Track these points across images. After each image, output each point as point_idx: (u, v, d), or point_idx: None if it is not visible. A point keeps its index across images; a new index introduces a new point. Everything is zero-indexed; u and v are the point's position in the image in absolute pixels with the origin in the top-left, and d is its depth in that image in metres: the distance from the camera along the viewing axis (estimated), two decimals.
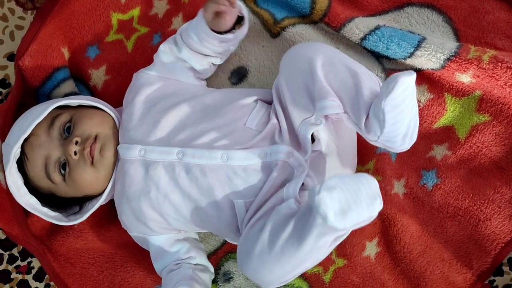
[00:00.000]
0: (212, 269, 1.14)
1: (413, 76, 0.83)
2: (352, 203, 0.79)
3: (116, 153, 1.06)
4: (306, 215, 0.86)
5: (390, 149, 0.94)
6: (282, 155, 0.99)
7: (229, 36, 1.06)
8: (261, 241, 0.90)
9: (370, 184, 0.82)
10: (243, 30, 1.07)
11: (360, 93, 0.91)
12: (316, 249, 0.87)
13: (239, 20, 1.06)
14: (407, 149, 0.93)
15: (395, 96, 0.83)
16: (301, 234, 0.86)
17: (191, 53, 1.10)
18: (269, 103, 1.08)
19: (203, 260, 1.11)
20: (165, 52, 1.11)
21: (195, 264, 1.09)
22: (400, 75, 0.82)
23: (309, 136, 0.99)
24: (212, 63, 1.13)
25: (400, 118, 0.86)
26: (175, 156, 1.01)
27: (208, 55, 1.10)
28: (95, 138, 1.04)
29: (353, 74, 0.94)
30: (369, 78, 0.95)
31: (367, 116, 0.90)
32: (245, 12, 1.05)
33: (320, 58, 0.95)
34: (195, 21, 1.07)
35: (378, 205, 0.82)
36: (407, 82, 0.83)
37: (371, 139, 0.93)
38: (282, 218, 0.90)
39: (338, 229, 0.80)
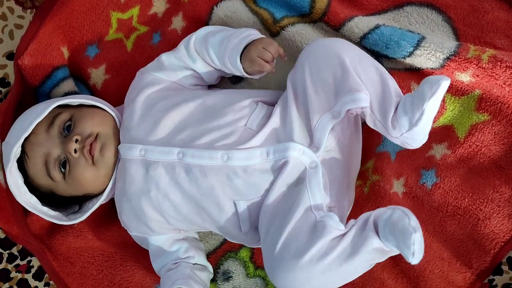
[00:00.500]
0: (211, 268, 1.14)
1: (449, 80, 0.88)
2: (423, 242, 0.85)
3: (117, 152, 1.06)
4: (357, 239, 0.91)
5: (406, 145, 0.98)
6: (292, 152, 0.99)
7: (255, 76, 1.07)
8: (310, 255, 0.91)
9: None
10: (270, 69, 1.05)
11: (388, 90, 0.95)
12: (359, 271, 0.93)
13: None
14: (419, 147, 0.98)
15: (438, 98, 0.87)
16: (349, 257, 0.90)
17: (205, 65, 1.10)
18: (269, 104, 1.09)
19: (201, 260, 1.11)
20: (177, 61, 1.10)
21: (193, 264, 1.09)
22: (441, 79, 0.87)
23: (327, 132, 0.99)
24: (221, 76, 1.15)
25: (431, 118, 0.92)
26: (175, 156, 1.01)
27: (220, 70, 1.11)
28: (96, 137, 1.04)
29: (379, 71, 0.97)
30: (391, 77, 0.99)
31: (394, 111, 0.94)
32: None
33: (349, 53, 0.97)
34: (220, 47, 1.05)
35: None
36: (446, 85, 0.87)
37: (394, 135, 0.95)
38: (333, 237, 0.92)
39: (413, 263, 0.84)
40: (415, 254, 0.83)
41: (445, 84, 0.86)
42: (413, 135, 0.94)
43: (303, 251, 0.91)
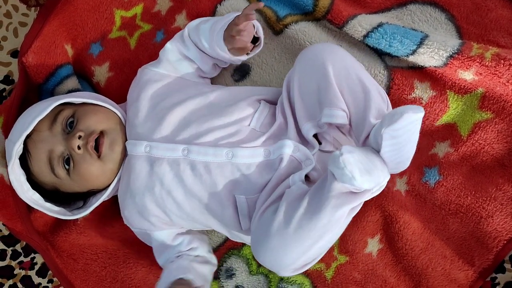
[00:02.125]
0: (214, 260, 1.13)
1: (420, 114, 0.83)
2: (370, 165, 0.82)
3: (125, 148, 1.07)
4: (320, 189, 0.89)
5: None
6: (286, 149, 1.00)
7: (242, 57, 1.07)
8: (277, 221, 0.90)
9: (377, 155, 0.87)
10: (258, 50, 1.07)
11: (367, 112, 0.93)
12: (334, 222, 0.88)
13: (254, 40, 1.06)
14: (396, 173, 0.96)
15: (395, 128, 0.84)
16: (317, 207, 0.87)
17: (199, 52, 1.10)
18: (272, 102, 1.09)
19: (204, 251, 1.11)
20: (172, 50, 1.11)
21: (195, 256, 1.09)
22: (407, 110, 0.83)
23: (311, 136, 1.00)
24: (217, 65, 1.14)
25: (397, 148, 0.88)
26: (180, 153, 1.02)
27: (215, 58, 1.11)
28: (102, 133, 1.05)
29: (364, 88, 0.95)
30: (379, 95, 0.96)
31: (367, 136, 0.92)
32: (260, 33, 1.05)
33: (335, 64, 0.96)
34: (209, 32, 1.05)
35: (387, 173, 0.86)
36: (412, 118, 0.83)
37: None
38: (295, 197, 0.92)
39: (363, 189, 0.82)
40: (355, 175, 0.81)
41: (409, 116, 0.82)
42: (384, 159, 0.90)
43: (271, 220, 0.91)
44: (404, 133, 0.86)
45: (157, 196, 1.03)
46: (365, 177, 0.81)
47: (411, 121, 0.84)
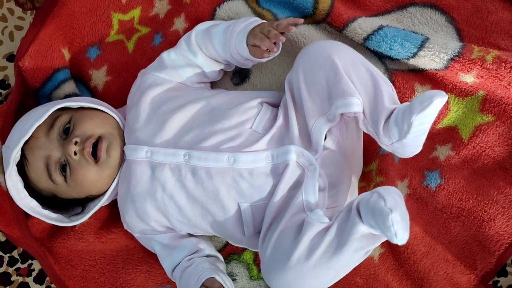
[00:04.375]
0: (222, 258, 1.13)
1: (446, 97, 0.85)
2: (406, 219, 0.84)
3: (122, 153, 1.06)
4: (343, 227, 0.90)
5: (396, 153, 0.97)
6: (291, 155, 0.99)
7: (262, 60, 1.05)
8: (297, 254, 0.91)
9: (403, 199, 0.88)
10: (275, 54, 1.04)
11: (380, 97, 0.94)
12: (351, 262, 0.92)
13: None
14: (410, 157, 0.97)
15: (427, 114, 0.85)
16: (338, 247, 0.89)
17: (206, 59, 1.09)
18: (274, 105, 1.08)
19: (213, 251, 1.11)
20: (178, 59, 1.10)
21: (207, 256, 1.09)
22: (435, 96, 0.84)
23: (323, 135, 0.99)
24: (222, 69, 1.14)
25: (422, 133, 0.90)
26: (182, 158, 1.01)
27: (222, 63, 1.10)
28: (99, 138, 1.04)
29: (372, 76, 0.96)
30: (385, 82, 0.97)
31: (385, 121, 0.92)
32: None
33: (342, 56, 0.97)
34: (225, 35, 1.04)
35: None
36: (440, 103, 0.85)
37: (384, 143, 0.95)
38: (317, 232, 0.92)
39: (400, 244, 0.83)
40: (398, 234, 0.81)
41: (438, 101, 0.84)
42: (403, 146, 0.93)
43: (290, 251, 0.92)
44: (431, 118, 0.88)
45: (159, 201, 1.02)
46: (405, 235, 0.82)
47: (440, 105, 0.85)
